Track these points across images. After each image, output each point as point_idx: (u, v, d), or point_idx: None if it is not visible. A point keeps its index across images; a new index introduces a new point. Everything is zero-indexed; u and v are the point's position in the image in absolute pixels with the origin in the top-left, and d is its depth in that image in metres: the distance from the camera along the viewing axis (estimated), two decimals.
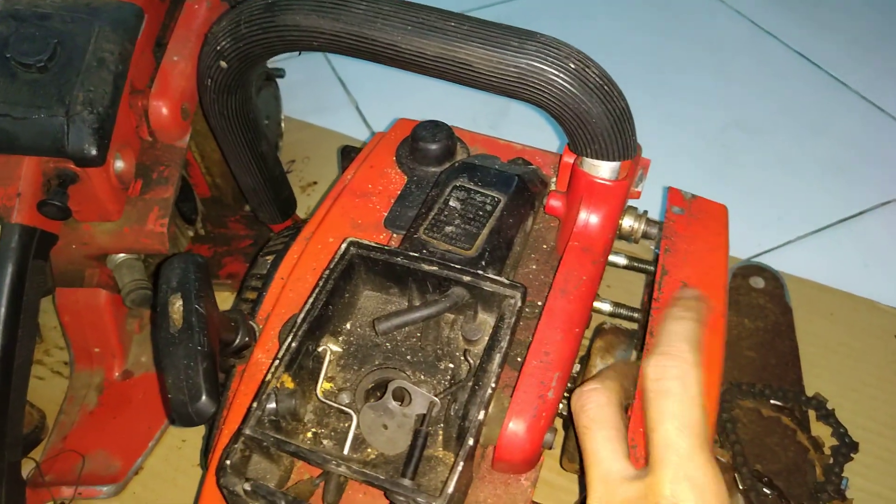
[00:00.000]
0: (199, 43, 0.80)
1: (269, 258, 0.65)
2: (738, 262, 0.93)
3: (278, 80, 1.05)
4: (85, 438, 0.76)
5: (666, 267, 0.58)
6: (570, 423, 0.59)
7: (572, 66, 0.50)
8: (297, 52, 0.97)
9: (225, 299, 0.92)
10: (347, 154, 0.74)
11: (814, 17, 1.34)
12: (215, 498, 0.50)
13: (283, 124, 1.06)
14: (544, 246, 0.62)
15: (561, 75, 0.50)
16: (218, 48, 0.60)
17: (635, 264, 0.69)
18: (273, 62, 1.03)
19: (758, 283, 0.90)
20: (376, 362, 0.55)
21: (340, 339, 0.56)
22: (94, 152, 0.67)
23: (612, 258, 0.67)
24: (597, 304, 0.65)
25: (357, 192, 0.66)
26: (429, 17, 0.53)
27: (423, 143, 0.65)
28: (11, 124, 0.65)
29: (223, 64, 0.60)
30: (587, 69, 0.51)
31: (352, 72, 1.28)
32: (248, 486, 0.44)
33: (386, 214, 0.64)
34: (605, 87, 0.51)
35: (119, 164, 0.73)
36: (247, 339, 0.58)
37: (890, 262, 0.96)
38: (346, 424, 0.51)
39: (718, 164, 1.10)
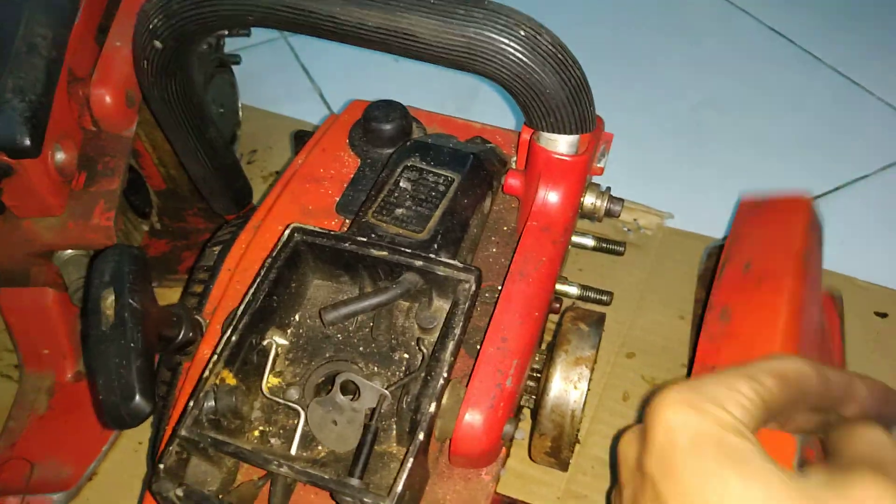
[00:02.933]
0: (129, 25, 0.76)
1: (217, 249, 0.62)
2: (713, 241, 0.90)
3: (235, 68, 1.01)
4: (34, 445, 0.73)
5: (730, 254, 0.56)
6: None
7: (522, 33, 0.47)
8: (247, 34, 0.93)
9: (174, 294, 0.88)
10: (300, 139, 0.71)
11: None
12: None
13: (240, 113, 1.02)
14: (505, 228, 0.60)
15: (511, 44, 0.47)
16: (150, 27, 0.56)
17: (604, 245, 0.66)
18: (230, 47, 0.99)
19: None
20: (327, 355, 0.52)
21: (288, 331, 0.53)
22: (26, 143, 0.63)
23: (579, 240, 0.64)
24: (564, 288, 0.63)
25: (308, 177, 0.63)
26: None
27: (376, 124, 0.62)
28: None
29: (157, 44, 0.57)
30: (539, 36, 0.48)
31: (315, 58, 1.24)
32: (180, 492, 0.41)
33: (338, 199, 0.61)
34: (559, 56, 0.48)
35: (59, 156, 0.69)
36: (191, 334, 0.54)
37: (867, 238, 0.94)
38: (295, 422, 0.48)
39: (691, 143, 1.07)
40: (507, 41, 0.47)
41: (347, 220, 0.59)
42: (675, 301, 0.86)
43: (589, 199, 0.56)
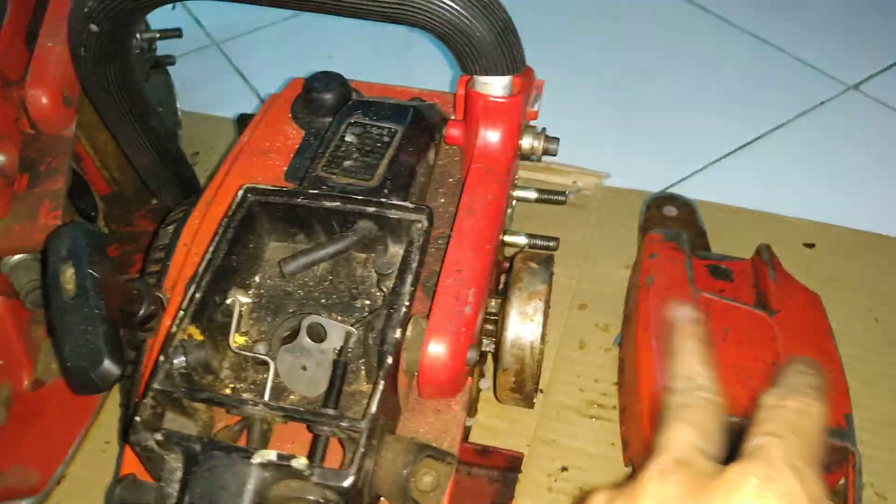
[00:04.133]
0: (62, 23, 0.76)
1: (171, 228, 0.62)
2: (650, 194, 0.95)
3: (171, 71, 1.02)
4: None
5: None
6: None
7: None
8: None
9: None
10: (244, 121, 0.72)
11: None
12: (136, 466, 0.47)
13: (179, 114, 1.02)
14: (451, 179, 0.62)
15: None
16: (85, 10, 0.57)
17: (547, 196, 0.69)
18: (163, 48, 0.99)
19: (671, 211, 0.93)
20: (290, 310, 0.53)
21: (250, 291, 0.54)
22: None
23: (522, 193, 0.67)
24: (512, 239, 0.65)
25: (255, 151, 0.64)
26: None
27: (317, 94, 0.64)
28: None
29: (93, 27, 0.57)
30: None
31: (249, 61, 1.25)
32: (160, 436, 0.41)
33: (286, 168, 0.62)
34: (485, 1, 0.51)
35: None
36: (153, 307, 0.55)
37: (789, 179, 1.00)
38: (265, 376, 0.50)
39: (623, 107, 1.12)
40: None
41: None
42: (620, 253, 0.90)
43: (526, 141, 0.59)
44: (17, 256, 0.74)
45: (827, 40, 1.22)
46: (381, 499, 0.46)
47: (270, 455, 0.40)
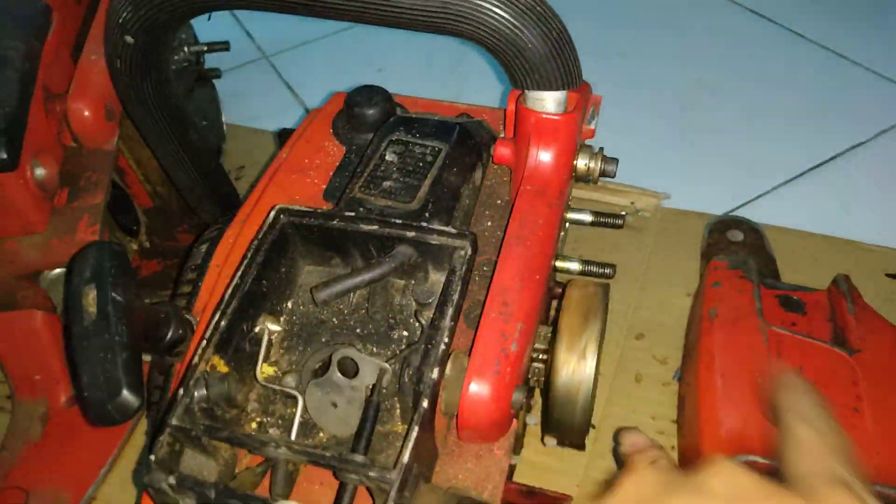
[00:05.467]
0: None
1: (204, 247, 0.60)
2: (714, 217, 0.89)
3: (221, 90, 1.01)
4: (30, 473, 0.70)
5: None
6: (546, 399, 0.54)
7: None
8: (226, 48, 0.93)
9: None
10: (284, 136, 0.69)
11: None
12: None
13: (225, 127, 1.01)
14: (498, 202, 0.58)
15: (492, 5, 0.46)
16: (120, 21, 0.55)
17: (603, 219, 0.64)
18: (211, 62, 0.98)
19: (736, 236, 0.86)
20: (323, 340, 0.50)
21: (281, 319, 0.51)
22: (3, 155, 0.62)
23: (577, 216, 0.62)
24: (564, 264, 0.60)
25: (293, 169, 0.61)
26: None
27: (359, 109, 0.61)
28: None
29: (129, 39, 0.55)
30: None
31: (298, 75, 1.23)
32: (172, 480, 0.38)
33: (325, 187, 0.59)
34: (538, 9, 0.47)
35: (39, 172, 0.68)
36: (180, 332, 0.52)
37: (868, 203, 0.92)
38: (293, 410, 0.46)
39: (684, 124, 1.06)
40: (492, 6, 0.46)
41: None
42: (680, 279, 0.84)
43: (582, 162, 0.54)
44: (56, 271, 0.73)
45: None
46: None
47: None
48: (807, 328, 0.71)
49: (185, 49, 0.91)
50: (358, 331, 0.50)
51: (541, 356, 0.55)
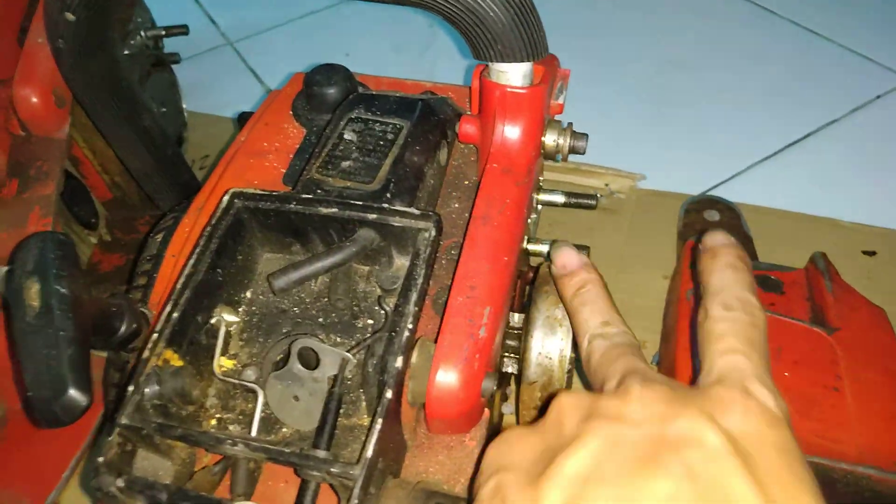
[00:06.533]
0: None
1: (159, 236, 0.57)
2: (690, 197, 0.87)
3: (182, 77, 0.97)
4: None
5: None
6: (516, 379, 0.52)
7: None
8: (185, 32, 0.89)
9: None
10: (244, 119, 0.66)
11: None
12: None
13: (185, 114, 0.98)
14: (466, 182, 0.55)
15: None
16: None
17: (575, 200, 0.62)
18: (172, 46, 0.95)
19: (712, 216, 0.85)
20: (284, 331, 0.47)
21: (240, 309, 0.48)
22: None
23: (549, 197, 0.60)
24: (535, 247, 0.58)
25: (252, 153, 0.58)
26: None
27: (319, 88, 0.58)
28: None
29: (69, 16, 0.52)
30: None
31: (265, 61, 1.20)
32: (121, 483, 0.35)
33: (285, 171, 0.56)
34: None
35: None
36: (135, 325, 0.49)
37: (844, 180, 0.91)
38: (254, 405, 0.44)
39: (657, 103, 1.04)
40: None
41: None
42: (657, 261, 0.82)
43: (550, 137, 0.52)
44: (4, 268, 0.69)
45: (880, 30, 1.13)
46: None
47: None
48: (785, 308, 0.69)
49: (142, 33, 0.87)
50: (320, 320, 0.47)
51: (515, 333, 0.53)
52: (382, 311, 0.47)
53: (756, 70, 1.08)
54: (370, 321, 0.47)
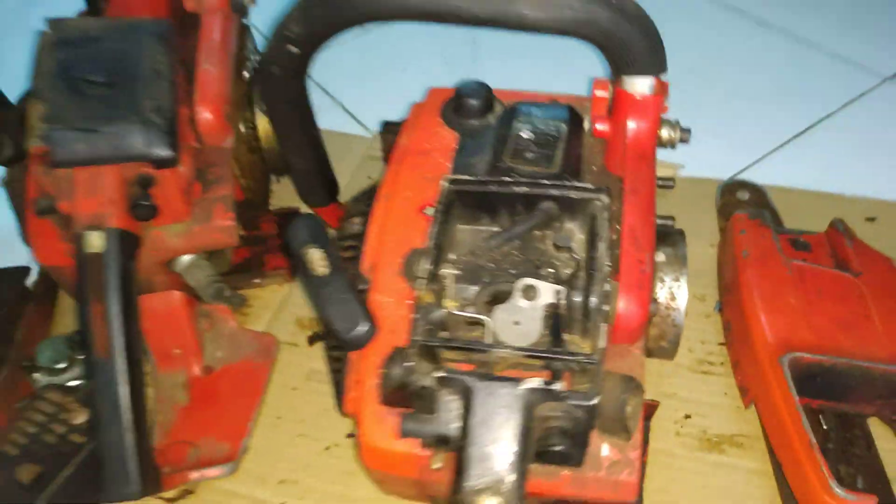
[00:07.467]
0: (225, 51, 0.85)
1: (356, 220, 0.72)
2: (725, 180, 1.06)
3: None
4: (188, 430, 0.80)
5: None
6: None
7: (616, 2, 0.60)
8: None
9: (274, 291, 0.98)
10: (389, 127, 0.82)
11: None
12: (378, 425, 0.57)
13: None
14: (593, 167, 0.72)
15: (606, 12, 0.60)
16: (287, 35, 0.67)
17: (660, 182, 0.80)
18: None
19: (743, 195, 1.03)
20: (485, 280, 0.63)
21: (451, 266, 0.64)
22: (171, 153, 0.73)
23: None
24: None
25: (418, 151, 0.74)
26: None
27: (470, 99, 0.74)
28: (93, 138, 0.70)
29: (293, 48, 0.67)
30: (624, 3, 0.61)
31: (329, 76, 1.35)
32: (441, 374, 0.51)
33: (451, 165, 0.72)
34: (639, 13, 0.62)
35: (182, 167, 0.78)
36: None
37: (845, 164, 1.11)
38: (475, 333, 0.59)
39: (684, 101, 1.23)
40: (605, 12, 0.60)
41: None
42: (703, 234, 1.00)
43: (665, 132, 0.69)
44: (188, 257, 0.83)
45: (850, 35, 1.34)
46: None
47: (534, 382, 0.50)
48: (814, 261, 0.88)
49: (251, 57, 1.01)
50: (512, 271, 0.63)
51: None
52: (559, 262, 0.63)
53: (755, 77, 1.29)
54: (550, 270, 0.63)
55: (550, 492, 0.56)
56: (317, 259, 0.59)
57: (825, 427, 0.74)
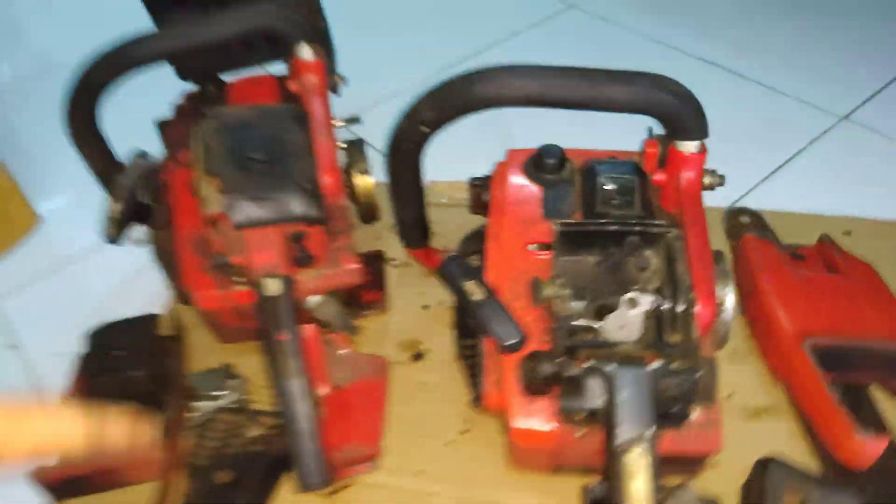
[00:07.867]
0: (329, 125, 1.05)
1: (474, 257, 0.92)
2: (728, 207, 1.29)
3: None
4: (333, 437, 0.97)
5: None
6: None
7: (673, 88, 0.82)
8: None
9: (371, 321, 1.16)
10: (475, 181, 1.02)
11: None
12: (525, 409, 0.76)
13: None
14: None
15: (670, 98, 0.82)
16: (420, 118, 0.87)
17: None
18: None
19: (745, 219, 1.27)
20: (590, 297, 0.84)
21: (564, 287, 0.84)
22: (321, 213, 0.92)
23: None
24: None
25: (514, 201, 0.95)
26: (573, 74, 0.83)
27: (549, 158, 0.95)
28: (263, 204, 0.89)
29: (425, 129, 0.88)
30: (679, 87, 0.83)
31: (371, 134, 1.54)
32: (591, 364, 0.71)
33: (541, 211, 0.93)
34: (691, 97, 0.84)
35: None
36: None
37: (822, 188, 1.37)
38: (589, 335, 0.80)
39: None
40: (668, 96, 0.82)
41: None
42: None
43: (707, 179, 0.91)
44: (316, 297, 1.01)
45: (817, 79, 1.61)
46: None
47: (657, 364, 0.71)
48: (811, 269, 1.11)
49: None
50: (605, 290, 0.84)
51: None
52: (639, 284, 0.84)
53: (736, 122, 1.54)
54: (636, 286, 0.84)
55: (659, 449, 0.76)
56: (473, 288, 0.78)
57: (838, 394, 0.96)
